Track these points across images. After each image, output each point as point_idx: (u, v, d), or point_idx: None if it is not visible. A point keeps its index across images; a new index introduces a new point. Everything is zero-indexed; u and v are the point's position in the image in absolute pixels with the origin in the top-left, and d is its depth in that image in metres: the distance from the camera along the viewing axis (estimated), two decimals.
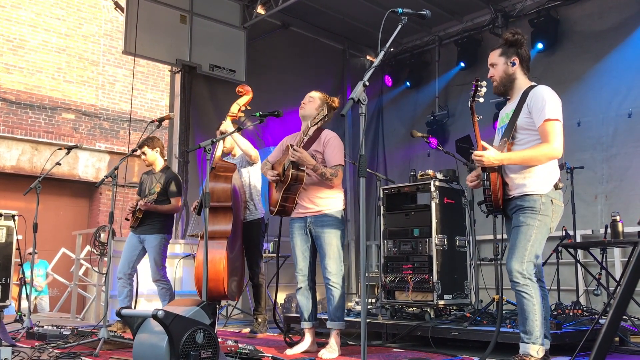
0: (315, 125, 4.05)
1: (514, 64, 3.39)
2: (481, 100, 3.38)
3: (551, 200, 3.25)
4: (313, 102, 4.31)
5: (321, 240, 4.18)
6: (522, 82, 3.42)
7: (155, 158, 5.67)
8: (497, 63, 3.41)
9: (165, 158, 5.94)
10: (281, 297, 7.65)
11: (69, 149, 5.33)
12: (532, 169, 3.26)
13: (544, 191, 3.24)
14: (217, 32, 8.10)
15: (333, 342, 4.10)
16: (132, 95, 9.52)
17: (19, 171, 11.32)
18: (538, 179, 3.26)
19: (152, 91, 13.28)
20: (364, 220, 2.50)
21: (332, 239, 4.16)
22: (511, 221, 3.38)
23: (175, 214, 5.85)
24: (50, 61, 12.05)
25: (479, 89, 3.35)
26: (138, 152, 5.58)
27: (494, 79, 3.43)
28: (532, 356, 3.12)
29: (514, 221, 3.31)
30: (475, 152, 3.26)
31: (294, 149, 4.03)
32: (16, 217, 6.26)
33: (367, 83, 2.48)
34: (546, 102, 3.20)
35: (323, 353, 3.99)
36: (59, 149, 5.40)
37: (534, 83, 3.40)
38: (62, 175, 11.55)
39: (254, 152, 5.30)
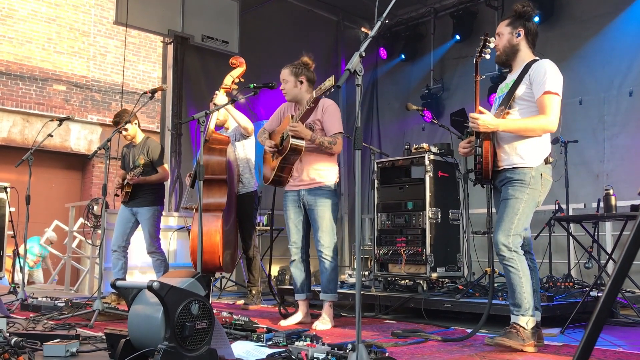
0: (320, 95, 4.01)
1: (518, 35, 3.37)
2: (487, 57, 3.36)
3: (541, 174, 3.27)
4: (288, 82, 4.29)
5: (314, 213, 4.19)
6: (526, 54, 3.40)
7: (135, 131, 5.62)
8: (503, 33, 3.40)
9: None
10: (275, 270, 7.70)
11: (61, 120, 5.27)
12: (524, 141, 3.27)
13: (534, 164, 3.25)
14: (209, 2, 7.96)
15: (326, 314, 4.13)
16: (124, 66, 9.40)
17: (10, 143, 11.23)
18: (529, 152, 3.26)
19: (144, 63, 13.13)
20: (359, 193, 2.49)
21: (324, 212, 4.16)
22: (499, 193, 3.39)
23: (165, 184, 5.83)
24: (40, 31, 11.86)
25: (487, 44, 3.32)
26: (119, 129, 5.51)
27: (497, 48, 3.41)
28: (522, 328, 3.16)
29: (503, 194, 3.32)
30: (472, 115, 3.25)
31: (292, 126, 4.02)
32: (8, 189, 6.23)
33: (364, 54, 2.45)
34: (548, 75, 3.19)
35: (316, 324, 4.03)
36: (50, 121, 5.35)
37: (537, 57, 3.38)
38: (54, 147, 11.47)
39: (250, 125, 5.27)
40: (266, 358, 2.82)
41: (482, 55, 3.35)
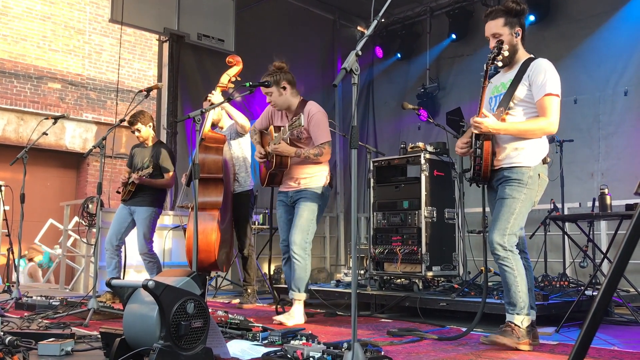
0: (288, 131, 4.06)
1: (517, 35, 3.34)
2: (500, 64, 3.30)
3: (538, 174, 3.27)
4: (273, 94, 4.26)
5: (294, 210, 4.28)
6: (522, 53, 3.38)
7: (149, 134, 5.60)
8: (503, 33, 3.31)
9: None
10: (271, 269, 7.69)
11: (56, 119, 5.23)
12: (523, 141, 3.27)
13: (532, 164, 3.25)
14: (205, 0, 7.95)
15: (292, 310, 4.18)
16: (119, 64, 9.36)
17: (4, 141, 11.17)
18: (528, 151, 3.26)
19: (140, 61, 13.07)
20: (355, 192, 2.49)
21: (303, 211, 4.21)
22: (495, 192, 3.38)
23: (167, 189, 5.82)
24: (35, 29, 11.80)
25: (501, 52, 3.19)
26: (132, 129, 5.52)
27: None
28: (517, 326, 3.17)
29: (500, 193, 3.31)
30: (475, 118, 3.23)
31: (273, 149, 4.13)
32: (3, 188, 6.20)
33: (360, 53, 2.44)
34: (548, 77, 3.18)
35: (278, 316, 4.11)
36: (45, 119, 5.31)
37: (532, 55, 3.37)
38: (49, 145, 11.42)
39: (247, 124, 5.27)
40: (262, 357, 2.81)
41: (495, 62, 3.25)
